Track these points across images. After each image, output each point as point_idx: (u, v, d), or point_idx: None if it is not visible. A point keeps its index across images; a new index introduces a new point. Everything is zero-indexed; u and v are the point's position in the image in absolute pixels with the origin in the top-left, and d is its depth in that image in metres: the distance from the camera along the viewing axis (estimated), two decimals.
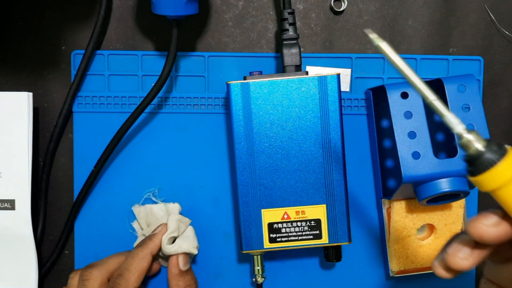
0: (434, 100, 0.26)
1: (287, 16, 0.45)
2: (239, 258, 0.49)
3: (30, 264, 0.46)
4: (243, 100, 0.44)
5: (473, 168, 0.26)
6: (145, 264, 0.43)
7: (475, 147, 0.26)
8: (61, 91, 0.48)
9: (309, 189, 0.44)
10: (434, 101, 0.26)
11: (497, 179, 0.26)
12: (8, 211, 0.46)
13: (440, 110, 0.26)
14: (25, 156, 0.45)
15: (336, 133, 0.44)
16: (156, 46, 0.48)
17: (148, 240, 0.44)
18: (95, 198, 0.48)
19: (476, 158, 0.26)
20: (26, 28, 0.48)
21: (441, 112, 0.26)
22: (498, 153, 0.26)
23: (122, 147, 0.48)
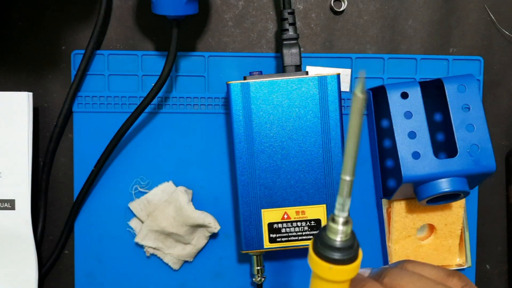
0: (344, 179, 0.26)
1: (287, 16, 0.45)
2: (239, 258, 0.49)
3: (30, 264, 0.46)
4: (243, 100, 0.44)
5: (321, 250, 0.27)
6: None
7: (335, 238, 0.27)
8: (61, 91, 0.48)
9: (309, 189, 0.44)
10: (344, 180, 0.26)
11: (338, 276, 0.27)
12: (8, 211, 0.46)
13: (342, 190, 0.26)
14: (25, 156, 0.45)
15: (336, 133, 0.44)
16: (156, 46, 0.48)
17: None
18: (95, 198, 0.48)
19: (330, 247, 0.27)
20: (26, 28, 0.48)
21: (340, 191, 0.26)
22: (350, 255, 0.27)
23: (122, 147, 0.48)
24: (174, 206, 0.46)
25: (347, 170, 0.25)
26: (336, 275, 0.27)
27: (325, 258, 0.26)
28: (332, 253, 0.26)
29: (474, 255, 0.49)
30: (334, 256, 0.26)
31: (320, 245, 0.27)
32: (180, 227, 0.46)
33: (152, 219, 0.46)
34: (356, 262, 0.27)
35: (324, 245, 0.27)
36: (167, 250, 0.48)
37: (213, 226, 0.46)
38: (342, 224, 0.26)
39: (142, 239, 0.47)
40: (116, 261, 0.49)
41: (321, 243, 0.27)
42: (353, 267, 0.27)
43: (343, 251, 0.26)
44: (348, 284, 0.28)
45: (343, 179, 0.25)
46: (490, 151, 0.43)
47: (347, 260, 0.26)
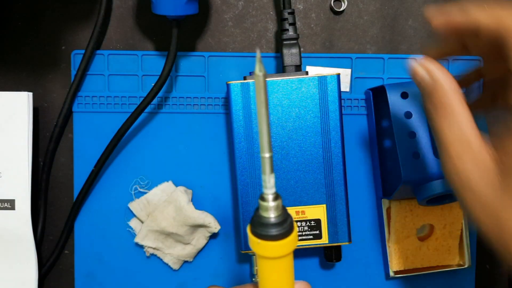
0: (264, 156, 0.27)
1: (287, 16, 0.45)
2: (239, 258, 0.49)
3: (30, 264, 0.46)
4: (243, 100, 0.44)
5: (258, 231, 0.28)
6: None
7: (268, 215, 0.28)
8: (61, 91, 0.48)
9: (309, 189, 0.44)
10: (264, 157, 0.27)
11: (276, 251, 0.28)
12: (8, 211, 0.46)
13: (264, 167, 0.27)
14: (25, 156, 0.45)
15: (336, 133, 0.44)
16: (156, 46, 0.48)
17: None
18: (95, 198, 0.48)
19: (266, 225, 0.28)
20: (26, 28, 0.48)
21: (263, 169, 0.27)
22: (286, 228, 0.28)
23: (122, 147, 0.48)
24: (173, 206, 0.46)
25: (265, 148, 0.26)
26: (278, 250, 0.28)
27: (263, 236, 0.28)
28: (268, 230, 0.28)
29: (474, 256, 0.49)
30: (270, 232, 0.28)
31: (257, 226, 0.28)
32: (180, 227, 0.46)
33: (152, 219, 0.46)
34: (292, 235, 0.28)
35: (260, 225, 0.28)
36: (167, 250, 0.47)
37: (213, 226, 0.46)
38: (272, 201, 0.28)
39: (142, 239, 0.47)
40: (116, 261, 0.49)
41: (257, 223, 0.28)
42: (290, 239, 0.28)
43: (279, 226, 0.28)
44: (291, 259, 0.29)
45: (263, 156, 0.27)
46: None
47: (285, 233, 0.28)
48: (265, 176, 0.27)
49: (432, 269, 0.48)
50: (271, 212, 0.28)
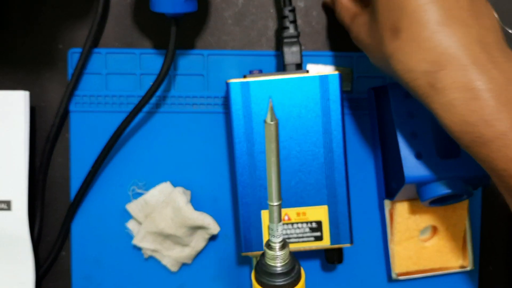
0: (272, 205, 0.26)
1: (287, 14, 0.44)
2: (239, 260, 0.49)
3: (27, 266, 0.46)
4: (243, 99, 0.43)
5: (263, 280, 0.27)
6: None
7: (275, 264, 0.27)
8: (58, 90, 0.48)
9: (310, 190, 0.43)
10: (271, 205, 0.26)
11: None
12: (4, 212, 0.45)
13: (272, 216, 0.26)
14: (21, 156, 0.45)
15: (337, 133, 0.43)
16: (154, 44, 0.48)
17: None
18: (92, 199, 0.48)
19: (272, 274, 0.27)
20: (22, 26, 0.47)
21: (270, 217, 0.26)
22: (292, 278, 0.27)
23: (120, 147, 0.48)
24: (171, 207, 0.45)
25: (273, 196, 0.26)
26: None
27: (269, 286, 0.27)
28: (274, 280, 0.27)
29: (477, 257, 0.49)
30: (277, 282, 0.27)
31: (262, 274, 0.27)
32: (179, 228, 0.46)
33: (150, 220, 0.46)
34: (300, 284, 0.28)
35: (265, 273, 0.27)
36: (165, 252, 0.47)
37: (213, 228, 0.46)
38: (279, 250, 0.27)
39: (140, 241, 0.47)
40: (113, 263, 0.48)
41: (262, 272, 0.27)
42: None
43: (286, 276, 0.27)
44: None
45: (270, 205, 0.26)
46: None
47: (291, 283, 0.27)
48: (273, 225, 0.26)
49: (435, 271, 0.48)
50: (278, 261, 0.27)
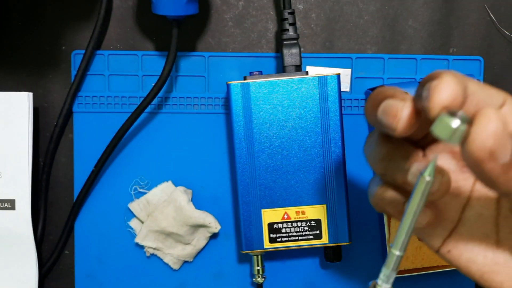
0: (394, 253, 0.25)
1: (287, 16, 0.45)
2: (239, 258, 0.49)
3: (30, 264, 0.46)
4: (243, 100, 0.44)
5: None
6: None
7: None
8: (61, 91, 0.48)
9: (309, 189, 0.44)
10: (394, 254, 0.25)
11: None
12: (8, 211, 0.46)
13: (390, 263, 0.25)
14: (25, 156, 0.45)
15: (336, 133, 0.44)
16: (156, 46, 0.48)
17: None
18: (95, 198, 0.48)
19: None
20: (26, 28, 0.48)
21: (388, 264, 0.25)
22: None
23: (122, 147, 0.48)
24: (173, 206, 0.46)
25: (399, 245, 0.25)
26: None
27: None
28: None
29: None
30: None
31: None
32: (180, 227, 0.46)
33: (152, 219, 0.46)
34: None
35: None
36: (167, 250, 0.47)
37: (214, 226, 0.46)
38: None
39: (142, 239, 0.47)
40: (116, 261, 0.48)
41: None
42: None
43: None
44: None
45: (393, 253, 0.25)
46: None
47: None
48: (388, 271, 0.26)
49: (433, 269, 0.48)
50: None
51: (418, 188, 0.23)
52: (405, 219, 0.24)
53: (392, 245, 0.25)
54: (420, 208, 0.24)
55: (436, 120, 0.23)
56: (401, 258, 0.25)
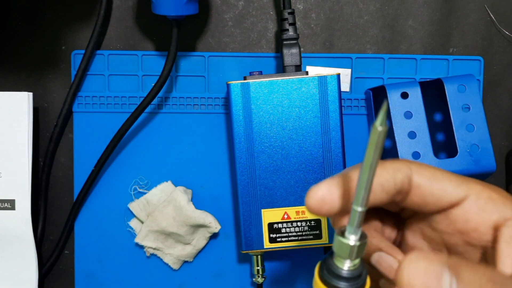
0: (355, 209, 0.24)
1: (287, 16, 0.45)
2: (239, 258, 0.49)
3: (30, 264, 0.46)
4: (243, 100, 0.44)
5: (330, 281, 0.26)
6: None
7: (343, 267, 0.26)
8: (61, 91, 0.48)
9: (309, 189, 0.44)
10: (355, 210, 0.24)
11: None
12: (8, 211, 0.46)
13: (353, 220, 0.25)
14: (25, 156, 0.45)
15: (336, 133, 0.44)
16: (156, 46, 0.48)
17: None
18: (95, 198, 0.48)
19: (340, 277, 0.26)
20: (26, 28, 0.48)
21: (351, 221, 0.25)
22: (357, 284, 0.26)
23: (122, 147, 0.48)
24: (173, 206, 0.46)
25: (359, 201, 0.24)
26: None
27: (331, 286, 0.26)
28: (338, 282, 0.25)
29: None
30: (340, 285, 0.25)
31: (326, 272, 0.26)
32: (180, 227, 0.46)
33: (152, 219, 0.46)
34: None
35: (330, 273, 0.26)
36: (167, 250, 0.48)
37: (214, 226, 0.46)
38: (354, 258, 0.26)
39: (142, 239, 0.47)
40: (116, 261, 0.49)
41: (328, 271, 0.26)
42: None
43: (350, 281, 0.25)
44: None
45: (355, 209, 0.24)
46: (490, 151, 0.43)
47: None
48: (352, 229, 0.25)
49: None
50: (345, 264, 0.25)
51: (371, 140, 0.23)
52: (362, 173, 0.24)
53: (353, 202, 0.24)
54: (375, 160, 0.23)
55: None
56: (363, 214, 0.24)
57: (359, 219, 0.25)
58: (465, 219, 0.27)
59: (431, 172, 0.27)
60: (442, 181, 0.27)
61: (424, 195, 0.27)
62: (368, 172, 0.23)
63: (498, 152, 0.49)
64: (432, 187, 0.27)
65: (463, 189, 0.27)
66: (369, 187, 0.24)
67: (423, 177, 0.27)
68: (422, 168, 0.27)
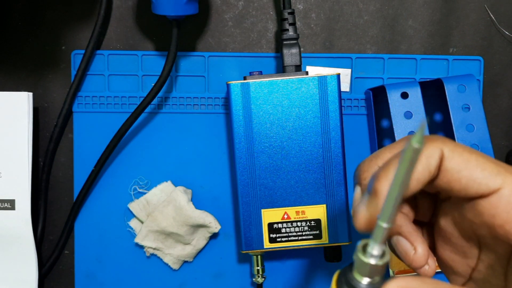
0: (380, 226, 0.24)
1: (287, 16, 0.45)
2: (239, 258, 0.49)
3: (30, 264, 0.46)
4: (243, 100, 0.44)
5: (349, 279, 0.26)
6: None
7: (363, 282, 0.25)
8: (61, 91, 0.48)
9: (309, 189, 0.44)
10: (380, 226, 0.24)
11: None
12: (8, 211, 0.46)
13: (377, 236, 0.24)
14: (25, 156, 0.45)
15: (336, 133, 0.44)
16: (156, 46, 0.48)
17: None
18: (95, 198, 0.48)
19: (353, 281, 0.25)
20: (26, 28, 0.48)
21: (375, 237, 0.24)
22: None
23: (122, 147, 0.48)
24: (173, 206, 0.46)
25: (387, 217, 0.23)
26: None
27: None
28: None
29: None
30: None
31: (344, 285, 0.25)
32: (180, 227, 0.46)
33: (152, 219, 0.46)
34: None
35: (348, 285, 0.25)
36: (167, 250, 0.48)
37: (214, 226, 0.46)
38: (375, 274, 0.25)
39: (142, 239, 0.47)
40: (116, 261, 0.49)
41: (346, 283, 0.25)
42: None
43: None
44: None
45: (380, 225, 0.24)
46: (490, 151, 0.43)
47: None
48: (374, 244, 0.24)
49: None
50: (365, 279, 0.25)
51: (405, 156, 0.22)
52: (392, 190, 0.23)
53: (379, 217, 0.23)
54: (408, 177, 0.22)
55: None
56: (389, 230, 0.24)
57: (384, 236, 0.24)
58: (492, 214, 0.25)
59: (464, 158, 0.25)
60: (474, 168, 0.25)
61: (450, 181, 0.26)
62: (399, 190, 0.22)
63: (498, 152, 0.49)
64: (460, 174, 0.25)
65: (496, 180, 0.25)
66: (397, 205, 0.23)
67: (454, 162, 0.25)
68: (456, 151, 0.26)
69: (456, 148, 0.26)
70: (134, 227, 0.48)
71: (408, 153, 0.22)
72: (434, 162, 0.26)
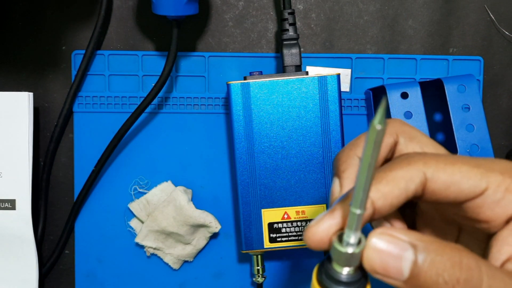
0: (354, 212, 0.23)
1: (287, 16, 0.45)
2: (239, 258, 0.49)
3: (31, 264, 0.46)
4: (243, 100, 0.44)
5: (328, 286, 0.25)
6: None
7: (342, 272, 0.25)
8: (62, 91, 0.48)
9: (309, 189, 0.44)
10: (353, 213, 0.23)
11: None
12: (9, 211, 0.46)
13: (351, 223, 0.23)
14: (25, 156, 0.45)
15: (336, 133, 0.44)
16: (156, 46, 0.48)
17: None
18: (95, 198, 0.48)
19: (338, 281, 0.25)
20: (26, 28, 0.48)
21: (349, 224, 0.24)
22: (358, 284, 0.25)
23: (123, 147, 0.48)
24: (173, 206, 0.46)
25: (358, 203, 0.23)
26: None
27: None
28: (337, 287, 0.25)
29: None
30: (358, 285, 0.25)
31: (324, 277, 0.25)
32: (181, 227, 0.46)
33: (152, 219, 0.47)
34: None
35: (329, 277, 0.25)
36: (167, 250, 0.48)
37: (214, 226, 0.46)
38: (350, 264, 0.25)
39: (142, 239, 0.47)
40: (116, 261, 0.49)
41: (326, 275, 0.25)
42: None
43: (350, 285, 0.25)
44: None
45: (353, 212, 0.23)
46: (490, 151, 0.44)
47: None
48: (350, 232, 0.24)
49: None
50: (344, 268, 0.24)
51: (369, 139, 0.21)
52: (360, 174, 0.22)
53: (351, 204, 0.23)
54: (374, 160, 0.22)
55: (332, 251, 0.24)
56: (362, 216, 0.23)
57: (358, 223, 0.23)
58: (477, 212, 0.26)
59: (449, 173, 0.25)
60: (459, 181, 0.25)
61: (438, 198, 0.26)
62: (367, 173, 0.22)
63: (498, 152, 0.49)
64: (447, 191, 0.25)
65: (481, 184, 0.25)
66: (367, 189, 0.23)
67: (440, 182, 0.25)
68: (439, 169, 0.25)
69: (438, 165, 0.25)
70: (135, 227, 0.48)
71: (372, 135, 0.21)
72: (413, 186, 0.25)
